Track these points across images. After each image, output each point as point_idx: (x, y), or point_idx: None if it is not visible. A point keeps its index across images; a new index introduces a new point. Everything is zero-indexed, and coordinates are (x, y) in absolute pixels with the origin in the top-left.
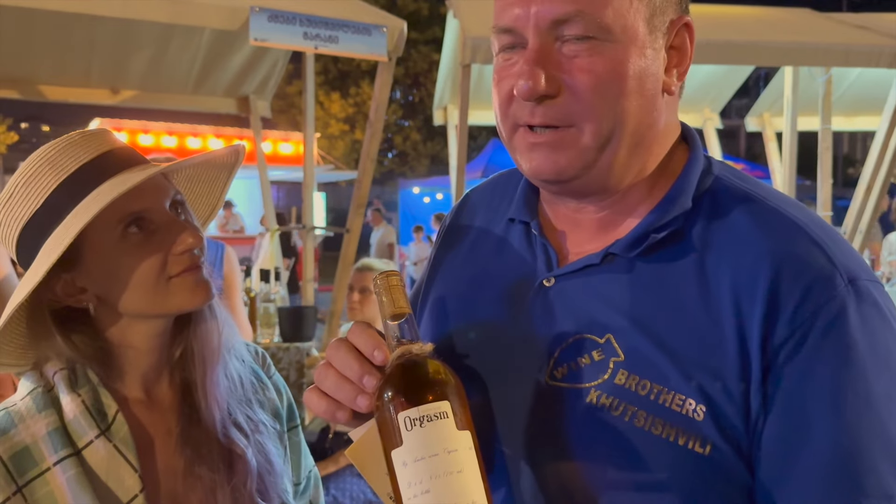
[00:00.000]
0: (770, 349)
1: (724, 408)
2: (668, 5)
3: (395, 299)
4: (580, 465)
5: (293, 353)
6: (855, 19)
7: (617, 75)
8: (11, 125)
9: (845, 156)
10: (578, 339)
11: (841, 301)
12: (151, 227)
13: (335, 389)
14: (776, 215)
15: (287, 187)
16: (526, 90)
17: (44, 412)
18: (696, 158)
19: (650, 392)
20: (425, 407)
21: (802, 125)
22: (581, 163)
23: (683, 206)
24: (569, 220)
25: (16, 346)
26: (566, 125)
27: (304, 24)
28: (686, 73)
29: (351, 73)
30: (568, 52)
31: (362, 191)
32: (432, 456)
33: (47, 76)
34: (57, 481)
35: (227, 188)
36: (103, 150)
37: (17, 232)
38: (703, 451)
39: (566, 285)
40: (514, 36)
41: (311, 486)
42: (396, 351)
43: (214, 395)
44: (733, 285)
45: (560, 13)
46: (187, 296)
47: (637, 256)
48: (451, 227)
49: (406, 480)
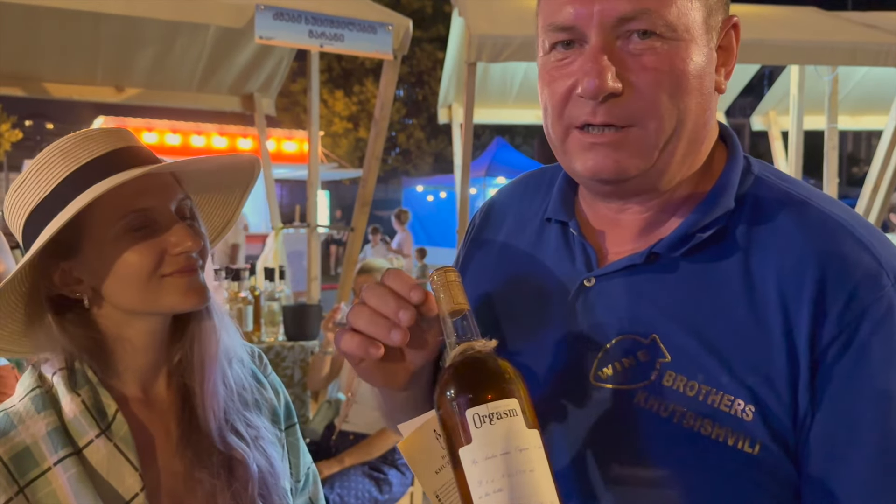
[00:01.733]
0: (818, 349)
1: (772, 407)
2: (721, 5)
3: (454, 295)
4: (628, 466)
5: (297, 351)
6: (861, 18)
7: (681, 73)
8: (16, 123)
9: (850, 154)
10: (622, 340)
11: (888, 300)
12: (153, 225)
13: (368, 324)
14: (820, 215)
15: (290, 185)
16: (592, 88)
17: (43, 412)
18: (737, 157)
19: (698, 393)
20: (494, 404)
21: (808, 124)
22: (644, 162)
23: (727, 206)
24: (609, 221)
25: (10, 330)
26: (627, 125)
27: (309, 22)
28: (732, 73)
29: (355, 72)
30: (632, 49)
31: (367, 189)
32: (504, 454)
33: (52, 74)
34: (58, 481)
35: (242, 203)
36: (118, 147)
37: (24, 217)
38: (752, 451)
39: (608, 285)
40: (573, 34)
41: (310, 482)
42: (458, 347)
43: (211, 404)
44: (779, 286)
45: (626, 10)
46: (178, 297)
47: (681, 256)
48: (482, 227)
49: (476, 478)
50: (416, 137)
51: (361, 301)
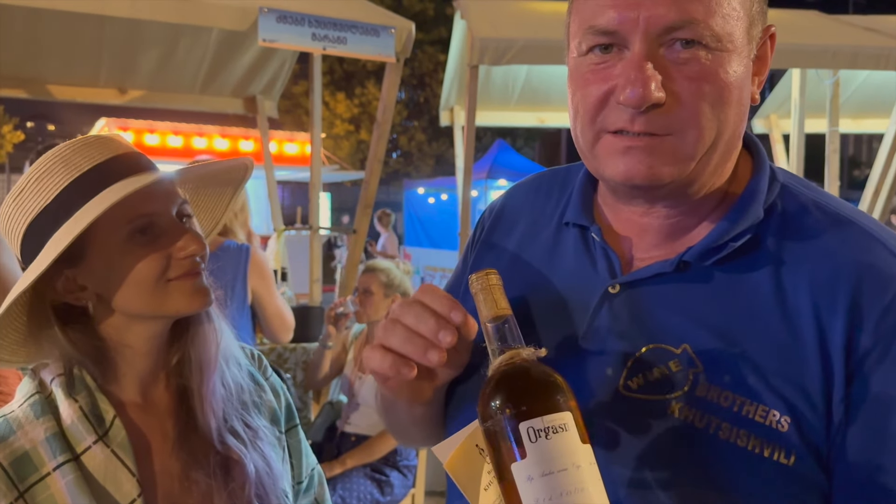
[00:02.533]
0: (853, 360)
1: (807, 418)
2: (761, 16)
3: (497, 300)
4: (661, 478)
5: (299, 353)
6: (863, 21)
7: (724, 84)
8: (18, 124)
9: (851, 157)
10: (652, 349)
11: None
12: (157, 230)
13: (403, 343)
14: (850, 225)
15: (292, 187)
16: (636, 97)
17: (42, 418)
18: (763, 166)
19: (733, 404)
20: (549, 417)
21: (810, 127)
22: (679, 171)
23: (757, 215)
24: (633, 225)
25: (12, 340)
26: (666, 133)
27: (312, 25)
28: (764, 82)
29: (356, 74)
30: (675, 58)
31: (369, 192)
32: (561, 471)
33: (56, 76)
34: (57, 486)
35: (231, 203)
36: (117, 153)
37: (24, 226)
38: (787, 462)
39: (635, 293)
40: (614, 38)
41: (314, 483)
42: (504, 355)
43: (210, 403)
44: (812, 297)
45: (673, 20)
46: (185, 300)
47: (712, 265)
48: (493, 229)
49: (532, 496)
50: (418, 140)
51: (395, 318)
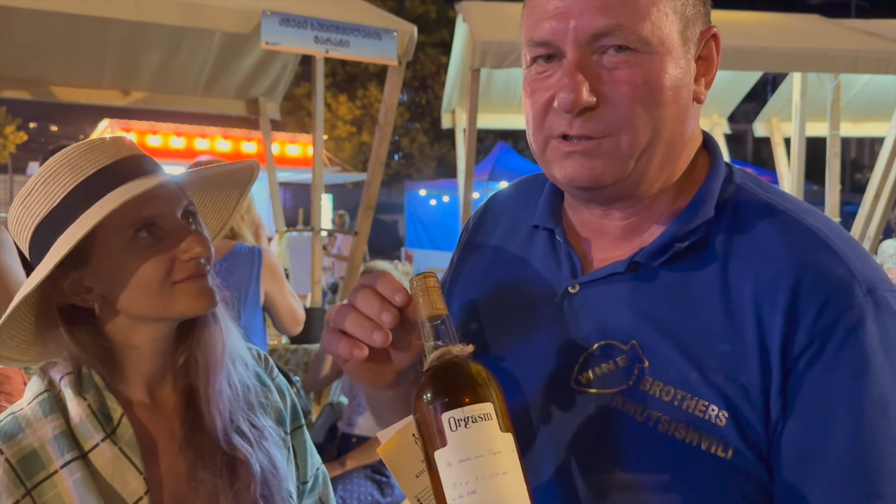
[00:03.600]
0: (790, 357)
1: (745, 413)
2: (698, 17)
3: (433, 300)
4: (604, 469)
5: (301, 354)
6: (864, 25)
7: (655, 86)
8: (21, 125)
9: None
10: (603, 346)
11: (859, 311)
12: (161, 232)
13: (353, 325)
14: (797, 226)
15: (293, 189)
16: (568, 102)
17: (50, 416)
18: (718, 167)
19: (674, 398)
20: (469, 408)
21: (811, 130)
22: (618, 171)
23: (707, 215)
24: (593, 227)
25: (20, 340)
26: (602, 136)
27: (315, 28)
28: (713, 82)
29: (358, 76)
30: (607, 63)
31: (371, 194)
32: (477, 457)
33: (59, 77)
34: (64, 483)
35: (238, 205)
36: (123, 156)
37: (31, 229)
38: (725, 455)
39: (591, 292)
40: (551, 48)
41: (319, 483)
42: (436, 352)
43: (217, 403)
44: (755, 295)
45: (601, 26)
46: (190, 302)
47: (661, 265)
48: (476, 231)
49: (451, 481)
50: (420, 142)
51: (348, 302)
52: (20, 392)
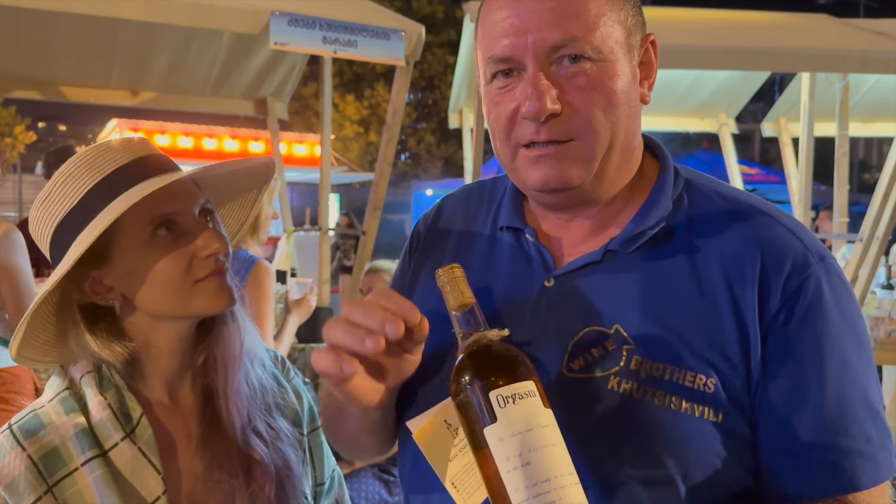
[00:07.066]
0: (765, 322)
1: (731, 378)
2: (638, 26)
3: (462, 290)
4: (610, 446)
5: (308, 354)
6: (873, 25)
7: (610, 90)
8: (30, 125)
9: (861, 161)
10: (589, 332)
11: (816, 276)
12: (179, 230)
13: (343, 336)
14: (748, 207)
15: (301, 188)
16: (535, 110)
17: (71, 414)
18: (668, 164)
19: (664, 373)
20: (516, 385)
21: (819, 130)
22: (585, 171)
23: (665, 208)
24: (560, 227)
25: (42, 340)
26: (568, 139)
27: (323, 29)
28: (654, 85)
29: (366, 76)
30: (565, 73)
31: (379, 194)
32: (528, 431)
33: (69, 77)
34: (85, 481)
35: (257, 204)
36: (140, 155)
37: (51, 229)
38: (716, 420)
39: (568, 284)
40: (512, 63)
41: (335, 485)
42: (473, 336)
43: (235, 402)
44: (724, 272)
45: (557, 40)
46: (210, 300)
47: (634, 253)
48: (429, 236)
49: (504, 454)
50: (427, 142)
51: (342, 317)
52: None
